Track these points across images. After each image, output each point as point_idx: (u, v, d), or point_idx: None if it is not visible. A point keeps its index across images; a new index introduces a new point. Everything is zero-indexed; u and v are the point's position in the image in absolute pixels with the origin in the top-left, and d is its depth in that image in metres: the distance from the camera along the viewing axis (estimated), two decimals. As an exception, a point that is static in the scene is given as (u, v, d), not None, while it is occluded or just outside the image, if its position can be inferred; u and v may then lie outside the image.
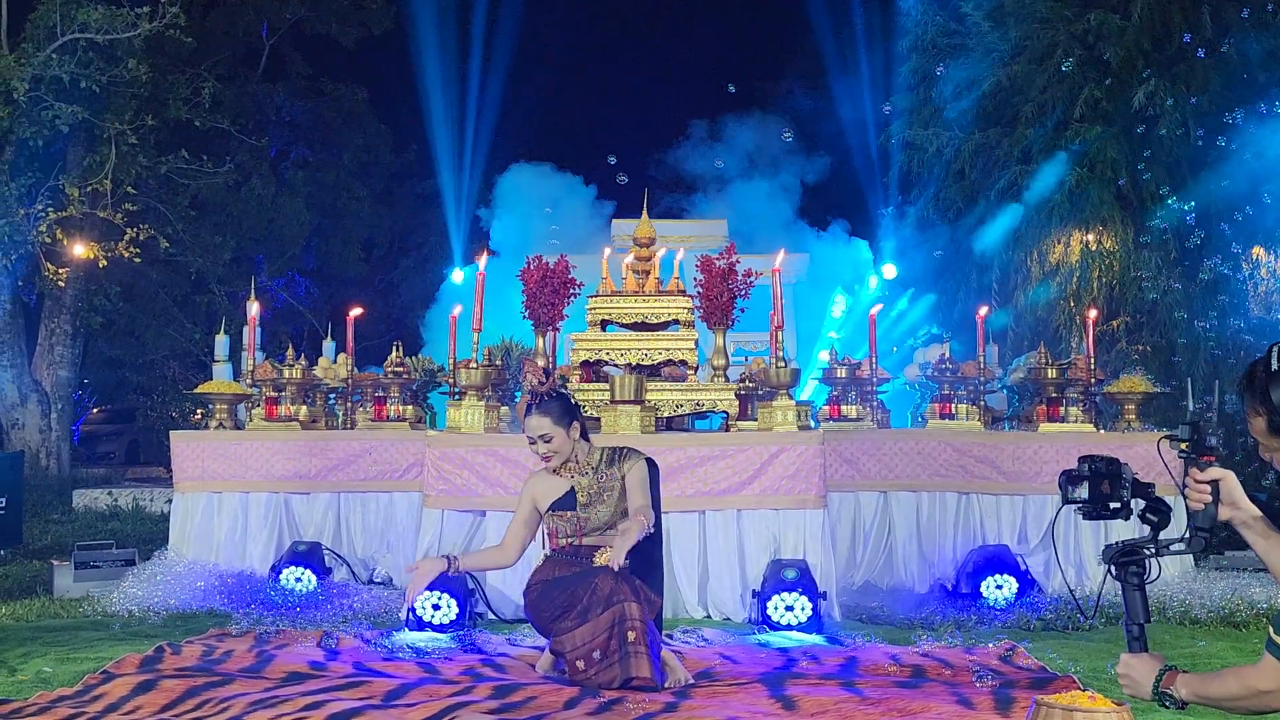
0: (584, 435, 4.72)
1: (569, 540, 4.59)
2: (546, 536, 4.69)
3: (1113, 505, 2.61)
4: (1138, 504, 2.61)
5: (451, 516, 6.04)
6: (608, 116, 22.18)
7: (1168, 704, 2.39)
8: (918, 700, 4.03)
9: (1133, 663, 2.49)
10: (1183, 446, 2.49)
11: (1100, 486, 2.60)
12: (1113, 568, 2.60)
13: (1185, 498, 2.48)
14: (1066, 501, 2.65)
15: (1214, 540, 2.49)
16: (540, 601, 4.51)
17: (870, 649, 5.03)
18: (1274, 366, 2.22)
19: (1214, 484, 2.44)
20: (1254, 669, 2.23)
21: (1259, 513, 2.46)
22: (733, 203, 15.53)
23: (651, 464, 4.74)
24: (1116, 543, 2.61)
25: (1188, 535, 2.47)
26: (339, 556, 6.78)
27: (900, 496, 6.79)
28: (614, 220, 13.46)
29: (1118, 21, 10.60)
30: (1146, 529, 2.59)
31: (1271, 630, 2.20)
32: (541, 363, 6.69)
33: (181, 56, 15.22)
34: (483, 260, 6.88)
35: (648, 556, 4.74)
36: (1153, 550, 2.56)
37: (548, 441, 4.58)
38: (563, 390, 4.90)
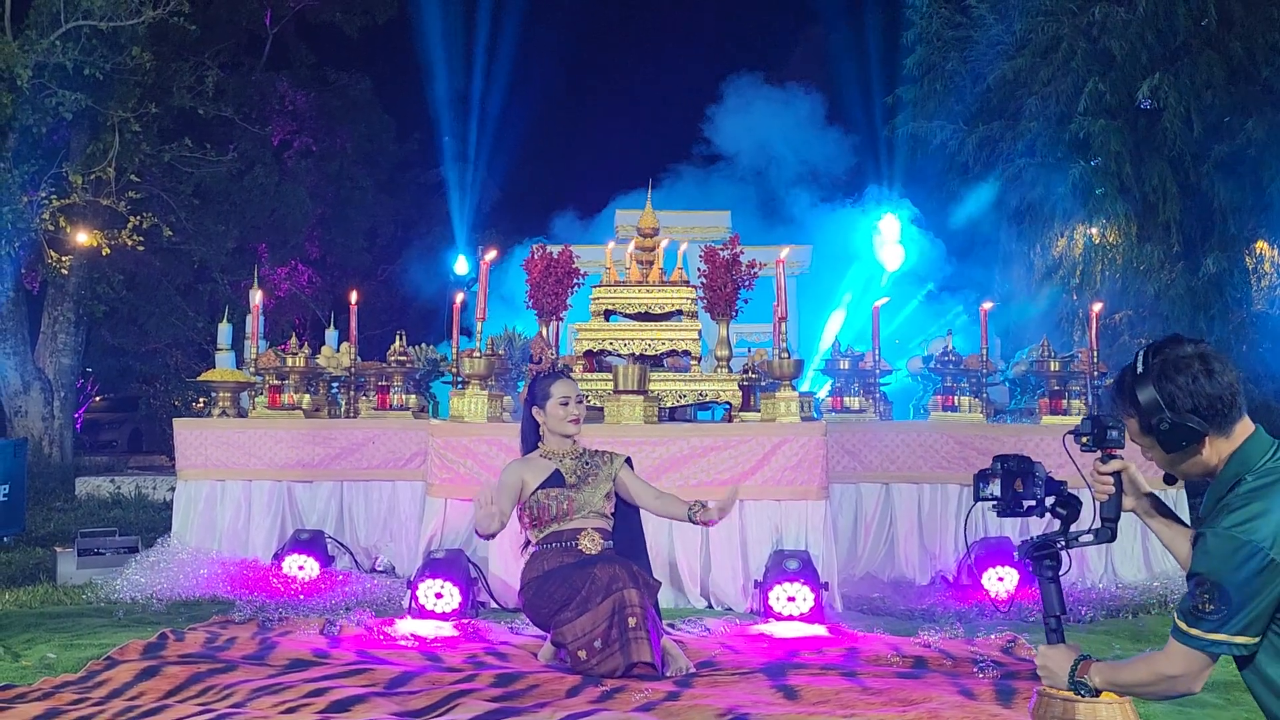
0: None
1: (553, 520, 4.59)
2: (533, 517, 4.65)
3: (1026, 503, 2.69)
4: (1051, 500, 2.68)
5: (455, 505, 6.05)
6: (613, 106, 22.22)
7: (1083, 692, 2.48)
8: (919, 690, 4.04)
9: (1050, 653, 2.57)
10: (1084, 440, 2.58)
11: (1013, 485, 2.69)
12: (1029, 562, 2.68)
13: (1091, 490, 2.59)
14: (979, 499, 2.73)
15: (1117, 529, 2.58)
16: (538, 599, 4.51)
17: (872, 639, 5.03)
18: (1139, 370, 2.34)
19: (1117, 475, 2.57)
20: (1162, 655, 2.31)
21: (1158, 499, 2.59)
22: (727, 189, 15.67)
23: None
24: (1031, 538, 2.70)
25: (1096, 525, 2.57)
26: (342, 545, 6.80)
27: (902, 488, 6.80)
28: (618, 211, 13.48)
29: (1122, 14, 10.58)
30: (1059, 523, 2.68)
31: (1176, 617, 2.27)
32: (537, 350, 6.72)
33: (185, 44, 15.21)
34: (490, 255, 6.87)
35: (632, 540, 4.81)
36: (1064, 543, 2.64)
37: (581, 402, 4.81)
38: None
